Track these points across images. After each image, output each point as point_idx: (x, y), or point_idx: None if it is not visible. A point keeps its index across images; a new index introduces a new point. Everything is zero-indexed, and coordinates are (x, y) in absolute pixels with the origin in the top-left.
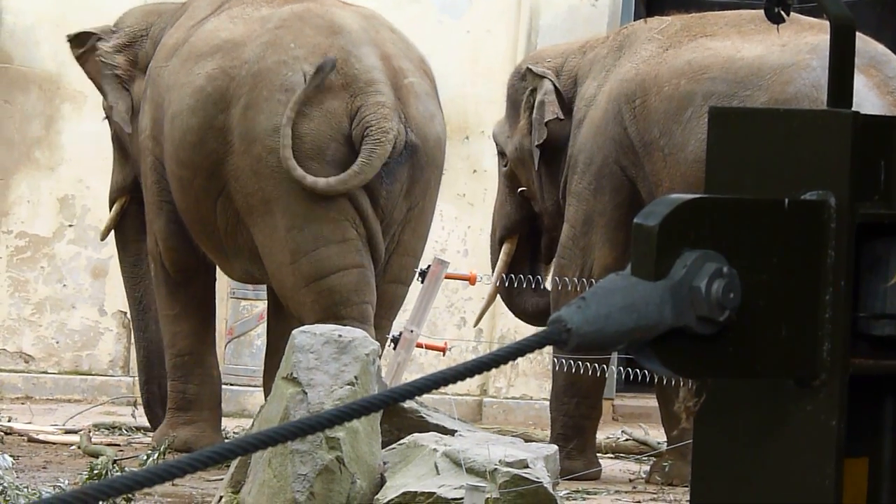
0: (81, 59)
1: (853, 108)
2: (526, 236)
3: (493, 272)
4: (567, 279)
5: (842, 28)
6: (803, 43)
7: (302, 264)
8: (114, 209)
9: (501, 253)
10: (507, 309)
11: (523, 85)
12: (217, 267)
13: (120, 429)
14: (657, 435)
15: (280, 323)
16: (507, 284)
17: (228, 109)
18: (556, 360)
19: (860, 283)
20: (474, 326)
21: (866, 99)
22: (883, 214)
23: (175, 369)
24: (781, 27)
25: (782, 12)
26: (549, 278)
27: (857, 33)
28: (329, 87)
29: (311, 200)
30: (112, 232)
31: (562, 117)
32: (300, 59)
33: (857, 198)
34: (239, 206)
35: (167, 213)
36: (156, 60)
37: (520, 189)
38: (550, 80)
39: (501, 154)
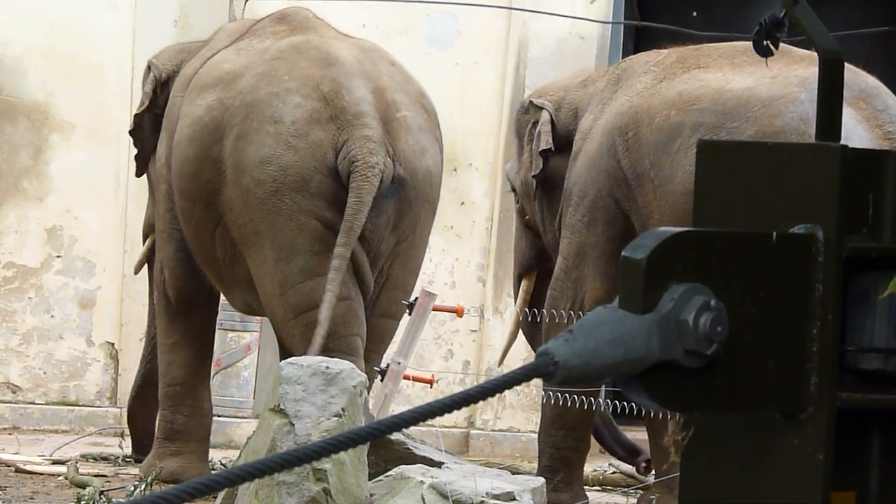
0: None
1: (841, 142)
2: (544, 272)
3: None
4: (556, 312)
5: (830, 61)
6: (793, 76)
7: (290, 296)
8: (145, 245)
9: (520, 290)
10: (494, 342)
11: (526, 118)
12: (219, 299)
13: (107, 459)
14: None
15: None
16: (529, 320)
17: (222, 140)
18: (544, 392)
19: (847, 317)
20: (498, 366)
21: (854, 132)
22: (871, 248)
23: (166, 399)
24: (773, 59)
25: (771, 45)
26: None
27: (847, 65)
28: (317, 119)
29: (296, 233)
30: (145, 266)
31: (553, 148)
32: (292, 91)
33: (846, 231)
34: (234, 237)
35: (176, 242)
36: (174, 91)
37: (525, 217)
38: (547, 111)
39: (514, 191)
